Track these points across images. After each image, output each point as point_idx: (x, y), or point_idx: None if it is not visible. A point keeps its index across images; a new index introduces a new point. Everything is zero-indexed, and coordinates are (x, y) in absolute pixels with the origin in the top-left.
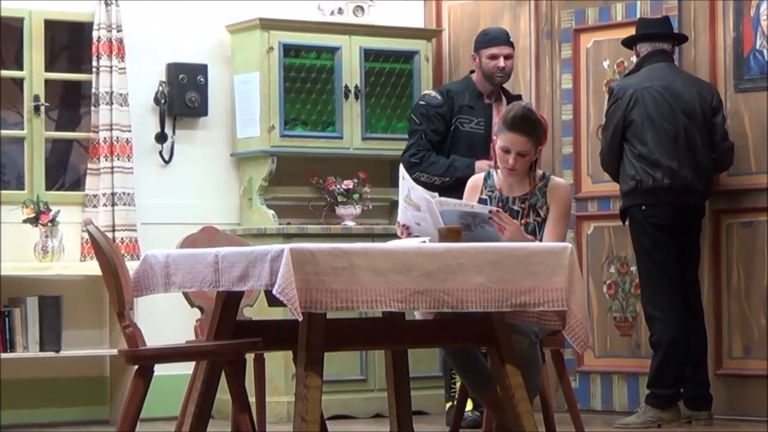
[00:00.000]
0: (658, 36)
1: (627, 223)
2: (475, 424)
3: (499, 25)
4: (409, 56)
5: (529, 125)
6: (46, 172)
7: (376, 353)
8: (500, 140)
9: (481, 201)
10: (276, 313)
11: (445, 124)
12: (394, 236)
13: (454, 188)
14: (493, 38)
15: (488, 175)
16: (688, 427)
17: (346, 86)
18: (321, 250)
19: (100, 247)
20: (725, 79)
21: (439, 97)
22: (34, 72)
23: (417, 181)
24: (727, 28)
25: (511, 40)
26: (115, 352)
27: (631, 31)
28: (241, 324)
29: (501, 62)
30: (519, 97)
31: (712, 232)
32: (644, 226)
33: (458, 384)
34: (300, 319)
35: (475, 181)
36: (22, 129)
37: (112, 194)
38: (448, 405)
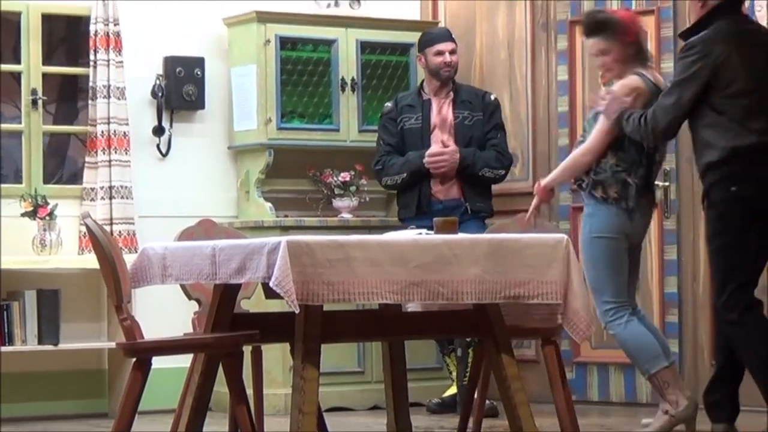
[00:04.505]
0: None
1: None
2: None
3: (495, 17)
4: (405, 48)
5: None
6: (43, 166)
7: (373, 345)
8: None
9: None
10: (273, 306)
11: (396, 127)
12: (391, 228)
13: (417, 181)
14: (436, 36)
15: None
16: None
17: (342, 79)
18: (317, 242)
19: (97, 240)
20: None
21: (390, 104)
22: (32, 66)
23: (386, 185)
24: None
25: (453, 36)
26: (113, 345)
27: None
28: (238, 316)
29: (447, 57)
30: (487, 95)
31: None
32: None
33: (453, 372)
34: (297, 312)
35: None
36: (20, 123)
37: (110, 187)
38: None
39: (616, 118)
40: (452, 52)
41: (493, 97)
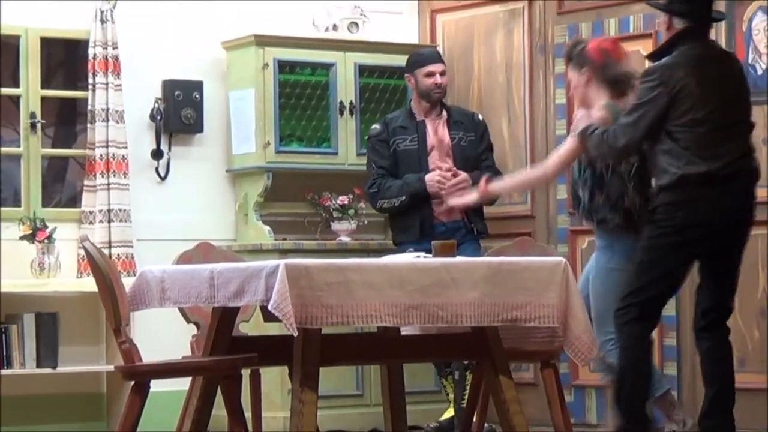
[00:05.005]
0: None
1: None
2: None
3: (493, 40)
4: (403, 72)
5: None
6: (42, 189)
7: (372, 368)
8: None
9: None
10: (272, 329)
11: (388, 149)
12: (389, 251)
13: (417, 204)
14: (427, 57)
15: None
16: None
17: (341, 102)
18: (316, 265)
19: (96, 263)
20: None
21: (379, 127)
22: (31, 89)
23: (381, 209)
24: (719, 43)
25: (442, 58)
26: (111, 368)
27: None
28: (237, 339)
29: (438, 78)
30: (475, 115)
31: None
32: None
33: (450, 395)
34: (295, 335)
35: None
36: (19, 146)
37: (109, 211)
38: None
39: (581, 131)
40: (442, 73)
41: (480, 117)
